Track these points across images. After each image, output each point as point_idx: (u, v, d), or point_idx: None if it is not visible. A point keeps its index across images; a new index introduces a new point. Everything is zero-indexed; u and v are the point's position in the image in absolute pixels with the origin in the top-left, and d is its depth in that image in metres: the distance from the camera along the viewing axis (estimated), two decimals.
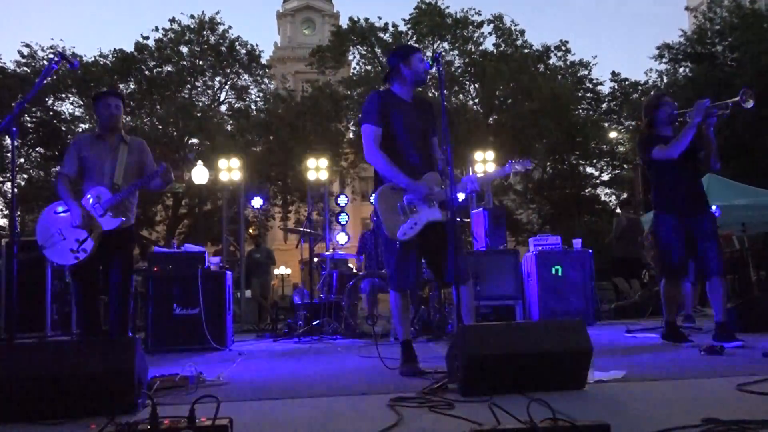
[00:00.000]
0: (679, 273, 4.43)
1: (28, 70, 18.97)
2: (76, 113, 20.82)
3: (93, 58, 20.53)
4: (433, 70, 3.47)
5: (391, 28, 22.94)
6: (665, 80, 21.64)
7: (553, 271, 7.04)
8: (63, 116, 20.67)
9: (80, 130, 19.74)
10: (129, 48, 21.12)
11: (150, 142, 4.68)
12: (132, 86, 21.18)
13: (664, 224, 4.44)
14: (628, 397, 2.37)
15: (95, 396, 2.25)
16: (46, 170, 19.89)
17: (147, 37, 21.32)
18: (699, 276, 5.73)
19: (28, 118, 19.36)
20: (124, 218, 4.30)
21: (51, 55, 18.62)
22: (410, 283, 3.46)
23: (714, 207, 4.62)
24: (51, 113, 20.33)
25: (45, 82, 3.59)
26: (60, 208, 4.22)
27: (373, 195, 3.52)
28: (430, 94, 15.49)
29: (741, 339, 4.17)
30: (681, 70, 21.91)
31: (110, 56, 20.80)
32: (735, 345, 4.03)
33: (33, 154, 20.66)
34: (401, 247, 3.43)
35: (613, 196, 25.27)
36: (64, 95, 20.31)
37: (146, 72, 21.37)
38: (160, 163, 4.42)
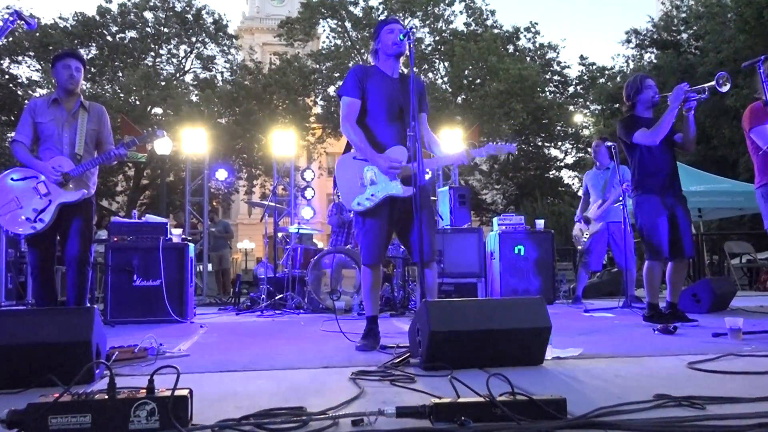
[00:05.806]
0: (663, 254, 4.40)
1: None
2: (34, 77, 20.15)
3: (52, 21, 19.82)
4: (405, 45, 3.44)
5: (362, 2, 22.70)
6: (631, 66, 21.94)
7: (516, 251, 7.14)
8: (19, 80, 19.95)
9: (38, 95, 19.10)
10: (91, 12, 20.49)
11: (111, 111, 4.55)
12: (93, 52, 20.56)
13: (647, 206, 4.46)
14: (584, 373, 2.42)
15: (51, 366, 2.20)
16: (1, 136, 19.21)
17: (110, 1, 20.67)
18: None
19: None
20: (85, 191, 4.20)
21: (6, 15, 17.92)
22: (378, 258, 3.43)
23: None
24: (6, 77, 19.59)
25: (0, 42, 3.45)
26: (15, 176, 4.08)
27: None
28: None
29: (693, 319, 4.33)
30: (647, 56, 22.24)
31: (70, 19, 20.13)
32: (688, 325, 4.17)
33: None
34: (368, 222, 3.41)
35: (576, 179, 25.69)
36: (20, 58, 19.59)
37: (108, 37, 20.76)
38: (132, 138, 4.33)
